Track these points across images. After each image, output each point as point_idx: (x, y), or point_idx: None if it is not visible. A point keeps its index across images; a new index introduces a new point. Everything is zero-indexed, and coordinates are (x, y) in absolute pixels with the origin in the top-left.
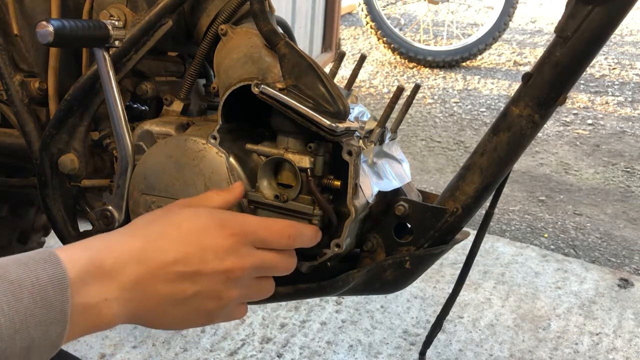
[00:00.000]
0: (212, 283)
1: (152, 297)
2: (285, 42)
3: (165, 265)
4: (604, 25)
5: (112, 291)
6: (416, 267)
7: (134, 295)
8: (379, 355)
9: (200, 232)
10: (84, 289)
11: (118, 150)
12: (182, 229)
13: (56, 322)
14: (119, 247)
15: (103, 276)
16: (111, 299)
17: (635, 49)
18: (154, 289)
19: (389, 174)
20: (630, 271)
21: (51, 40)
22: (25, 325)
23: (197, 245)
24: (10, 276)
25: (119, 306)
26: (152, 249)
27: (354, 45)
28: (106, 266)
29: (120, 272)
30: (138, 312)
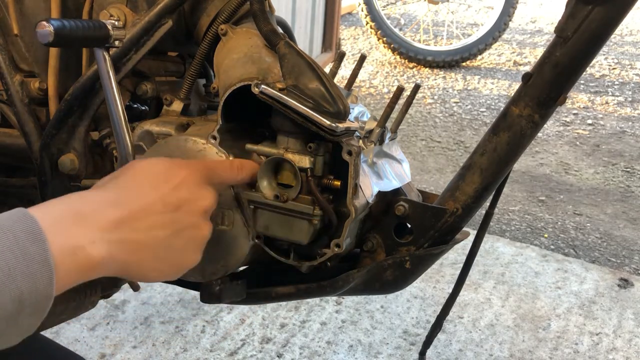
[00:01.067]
0: (188, 214)
1: (135, 238)
2: (285, 42)
3: (143, 206)
4: (604, 25)
5: (94, 232)
6: (416, 267)
7: (116, 236)
8: (379, 355)
9: (168, 175)
10: (66, 232)
11: (118, 150)
12: (150, 175)
13: (41, 272)
14: (93, 197)
15: (83, 220)
16: (96, 240)
17: (635, 49)
18: (136, 228)
19: (389, 174)
20: (630, 271)
21: (51, 40)
22: (12, 279)
23: (165, 185)
24: None
25: (104, 247)
26: (127, 194)
27: (354, 45)
28: (84, 212)
29: (99, 216)
30: (124, 253)
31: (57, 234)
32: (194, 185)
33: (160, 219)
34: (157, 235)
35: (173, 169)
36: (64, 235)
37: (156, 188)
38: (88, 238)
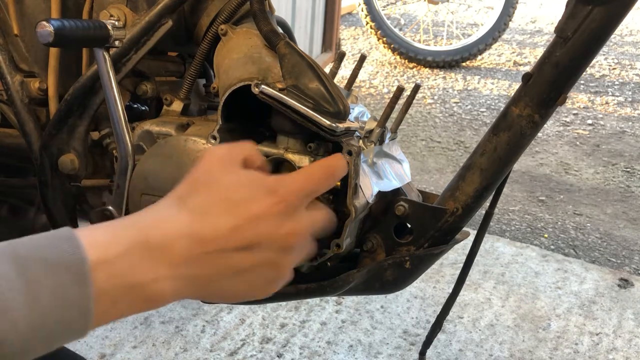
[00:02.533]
0: (268, 252)
1: (205, 273)
2: (285, 42)
3: (218, 239)
4: (604, 25)
5: (160, 269)
6: (416, 267)
7: (185, 272)
8: (379, 355)
9: (249, 202)
10: (128, 269)
11: (118, 150)
12: (229, 199)
13: (77, 319)
14: (166, 223)
15: (150, 254)
16: (160, 278)
17: (635, 49)
18: (208, 264)
19: (389, 174)
20: (630, 271)
21: (51, 40)
22: (45, 325)
23: (248, 215)
24: (30, 274)
25: (169, 285)
26: (202, 223)
27: (354, 45)
28: (154, 243)
29: (169, 249)
30: (191, 288)
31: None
32: (279, 217)
33: (233, 258)
34: (228, 274)
35: (260, 195)
36: (126, 272)
37: (234, 215)
38: (151, 275)
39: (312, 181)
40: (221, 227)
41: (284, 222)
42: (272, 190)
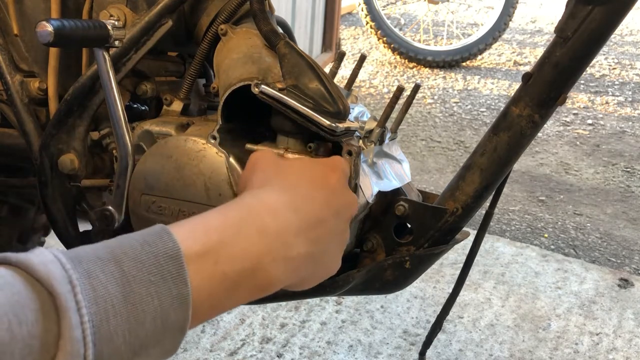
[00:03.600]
0: (343, 220)
1: (309, 251)
2: (285, 42)
3: (316, 213)
4: (604, 25)
5: (276, 249)
6: (416, 267)
7: (295, 251)
8: (379, 355)
9: (324, 177)
10: (248, 251)
11: (118, 150)
12: (309, 176)
13: (173, 338)
14: (270, 200)
15: (265, 234)
16: (277, 258)
17: (635, 49)
18: (310, 240)
19: (389, 174)
20: (630, 271)
21: (51, 40)
22: (144, 347)
23: (330, 188)
24: (135, 298)
25: (283, 266)
26: (301, 199)
27: (354, 45)
28: (267, 223)
29: (281, 228)
30: (298, 270)
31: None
32: (346, 188)
33: (328, 226)
34: (325, 244)
35: (326, 171)
36: (245, 254)
37: (321, 191)
38: (270, 255)
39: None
40: (317, 199)
41: (348, 192)
42: (333, 167)
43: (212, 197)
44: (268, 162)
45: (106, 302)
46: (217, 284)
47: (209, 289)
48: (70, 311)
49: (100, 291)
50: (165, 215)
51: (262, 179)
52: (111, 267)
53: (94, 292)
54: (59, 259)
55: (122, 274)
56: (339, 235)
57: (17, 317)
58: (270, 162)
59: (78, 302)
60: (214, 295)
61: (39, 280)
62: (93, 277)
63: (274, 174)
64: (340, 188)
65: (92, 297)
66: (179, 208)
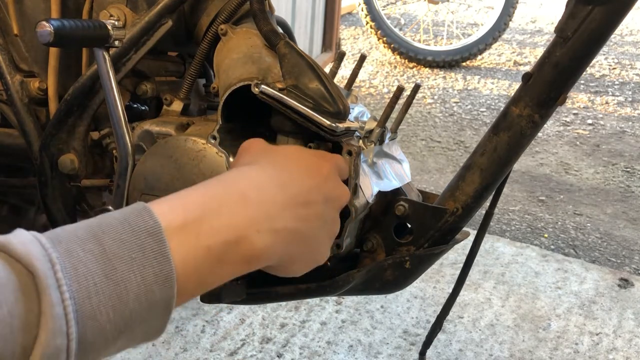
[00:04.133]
0: (333, 208)
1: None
2: (285, 42)
3: (304, 193)
4: (604, 25)
5: (260, 219)
6: (416, 267)
7: (280, 224)
8: (379, 355)
9: (317, 164)
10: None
11: (118, 150)
12: (301, 160)
13: (159, 316)
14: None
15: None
16: (261, 229)
17: (635, 49)
18: (297, 216)
19: (389, 174)
20: (630, 271)
21: (51, 40)
22: (129, 326)
23: (321, 174)
24: (117, 276)
25: (268, 236)
26: (288, 176)
27: (354, 45)
28: (249, 195)
29: (265, 199)
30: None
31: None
32: (337, 179)
33: (317, 209)
34: (314, 226)
35: (319, 160)
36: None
37: (311, 176)
38: (254, 227)
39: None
40: (305, 181)
41: (340, 183)
42: (326, 157)
43: None
44: (257, 145)
45: (87, 280)
46: (202, 258)
47: (194, 263)
48: (50, 289)
49: (80, 269)
50: None
51: (249, 160)
52: (91, 246)
53: (75, 270)
54: (38, 239)
55: (103, 252)
56: (329, 224)
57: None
58: (260, 145)
59: (58, 279)
60: (199, 270)
61: (18, 260)
62: (73, 255)
63: (262, 154)
64: (331, 177)
65: (73, 275)
66: None
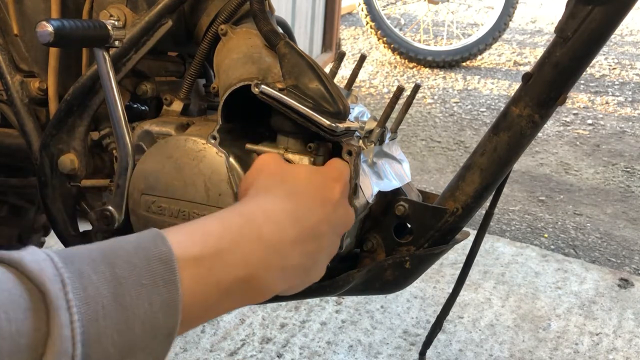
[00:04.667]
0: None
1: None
2: (285, 42)
3: (314, 227)
4: (604, 25)
5: (272, 259)
6: (416, 267)
7: (290, 262)
8: (379, 355)
9: (327, 188)
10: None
11: (118, 150)
12: (313, 185)
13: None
14: (273, 209)
15: (261, 242)
16: (272, 268)
17: (635, 49)
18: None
19: (389, 174)
20: (630, 271)
21: (51, 40)
22: (132, 351)
23: (332, 200)
24: (125, 300)
25: (277, 275)
26: (302, 209)
27: (354, 45)
28: (263, 232)
29: (279, 238)
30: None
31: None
32: (346, 203)
33: (324, 242)
34: (317, 258)
35: (331, 184)
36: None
37: (324, 205)
38: (266, 266)
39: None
40: (318, 213)
41: (348, 209)
42: (337, 178)
43: (212, 197)
44: (275, 167)
45: (96, 303)
46: (210, 290)
47: (202, 294)
48: (60, 310)
49: (91, 291)
50: (166, 215)
51: (266, 184)
52: (103, 268)
53: (85, 292)
54: (51, 258)
55: (114, 276)
56: (331, 248)
57: (7, 314)
58: (277, 167)
59: (68, 300)
60: (206, 301)
61: (30, 278)
62: (85, 277)
63: (280, 180)
64: (342, 203)
65: (83, 297)
66: (179, 208)
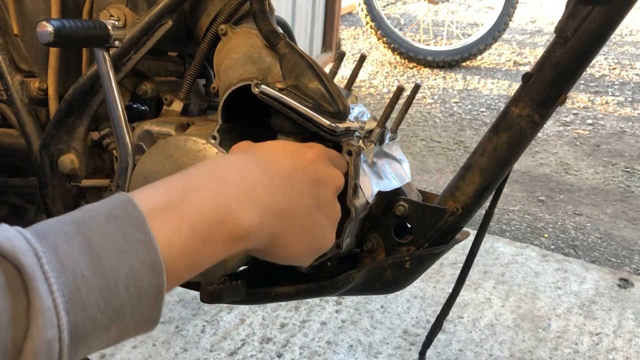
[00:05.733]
0: (327, 191)
1: (284, 204)
2: (285, 42)
3: (288, 173)
4: (604, 25)
5: (244, 199)
6: (416, 267)
7: (266, 200)
8: (379, 355)
9: (301, 151)
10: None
11: (118, 150)
12: (284, 150)
13: (150, 304)
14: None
15: (227, 184)
16: (245, 204)
17: (635, 49)
18: (284, 194)
19: (389, 174)
20: (630, 271)
21: (51, 40)
22: (121, 316)
23: (306, 159)
24: (104, 267)
25: (254, 213)
26: (269, 160)
27: (354, 45)
28: (229, 178)
29: (245, 179)
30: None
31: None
32: (326, 163)
33: (305, 189)
34: (305, 203)
35: (304, 148)
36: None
37: (295, 160)
38: (237, 205)
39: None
40: (288, 166)
41: (329, 166)
42: (312, 145)
43: None
44: (244, 143)
45: (75, 273)
46: (187, 239)
47: (180, 245)
48: (38, 282)
49: (67, 263)
50: None
51: (234, 152)
52: (77, 240)
53: (61, 264)
54: (22, 234)
55: (89, 246)
56: (325, 206)
57: None
58: (247, 143)
59: (45, 272)
60: (187, 252)
61: (3, 255)
62: (59, 250)
63: (247, 148)
64: (317, 161)
65: (60, 269)
66: None
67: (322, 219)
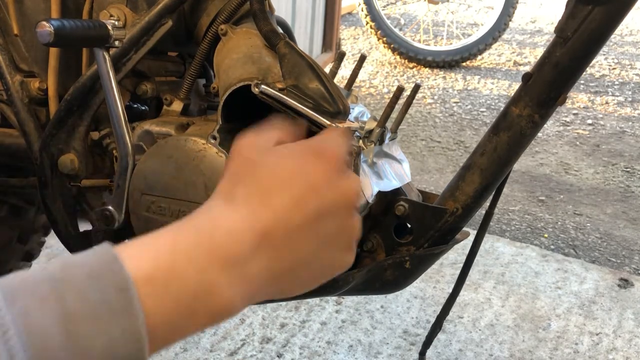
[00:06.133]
0: (336, 218)
1: (279, 265)
2: (285, 42)
3: (281, 221)
4: (604, 25)
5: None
6: (416, 267)
7: (258, 270)
8: (379, 355)
9: (301, 173)
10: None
11: (118, 150)
12: (279, 177)
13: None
14: (223, 221)
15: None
16: (234, 282)
17: (635, 49)
18: (279, 254)
19: (389, 174)
20: (630, 271)
21: (51, 40)
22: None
23: (305, 186)
24: (80, 340)
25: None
26: (260, 210)
27: (354, 45)
28: (218, 244)
29: (236, 249)
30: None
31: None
32: (335, 178)
33: (305, 237)
34: (304, 256)
35: (307, 161)
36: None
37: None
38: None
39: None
40: (279, 207)
41: (340, 181)
42: (319, 153)
43: None
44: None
45: (45, 343)
46: (170, 309)
47: (162, 316)
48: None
49: (37, 332)
50: (166, 215)
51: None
52: (52, 305)
53: (30, 335)
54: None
55: (64, 313)
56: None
57: None
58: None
59: (9, 349)
60: (169, 322)
61: None
62: (31, 316)
63: (244, 174)
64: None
65: (28, 341)
66: (179, 208)
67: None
